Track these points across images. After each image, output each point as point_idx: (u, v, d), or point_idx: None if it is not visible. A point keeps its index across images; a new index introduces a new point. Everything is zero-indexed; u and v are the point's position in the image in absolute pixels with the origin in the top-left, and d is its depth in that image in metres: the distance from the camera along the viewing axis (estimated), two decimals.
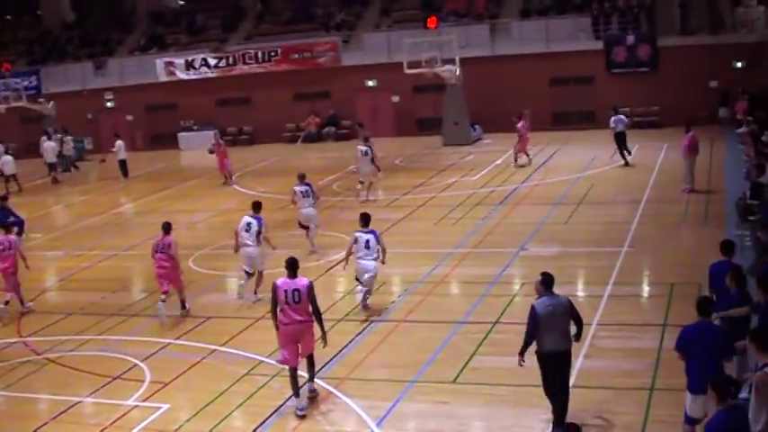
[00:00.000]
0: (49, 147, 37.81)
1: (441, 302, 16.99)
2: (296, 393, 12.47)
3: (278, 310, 12.49)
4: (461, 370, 13.45)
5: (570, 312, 11.27)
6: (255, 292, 17.65)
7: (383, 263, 16.51)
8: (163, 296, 16.87)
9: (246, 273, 17.85)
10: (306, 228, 21.18)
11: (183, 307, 17.42)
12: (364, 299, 16.63)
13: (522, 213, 23.58)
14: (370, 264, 16.27)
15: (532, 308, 11.19)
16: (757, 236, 17.77)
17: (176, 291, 17.35)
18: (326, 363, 14.10)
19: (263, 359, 14.50)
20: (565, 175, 27.98)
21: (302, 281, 12.61)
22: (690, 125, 24.65)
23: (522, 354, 11.33)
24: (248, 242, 17.64)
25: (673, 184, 25.19)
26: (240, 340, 15.59)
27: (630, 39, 36.89)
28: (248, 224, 17.70)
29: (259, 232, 17.63)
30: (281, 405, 12.71)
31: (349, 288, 18.26)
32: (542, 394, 11.57)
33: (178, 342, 15.84)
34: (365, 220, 16.58)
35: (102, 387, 14.03)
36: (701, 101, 35.20)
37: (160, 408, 12.99)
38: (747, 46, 35.18)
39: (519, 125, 30.39)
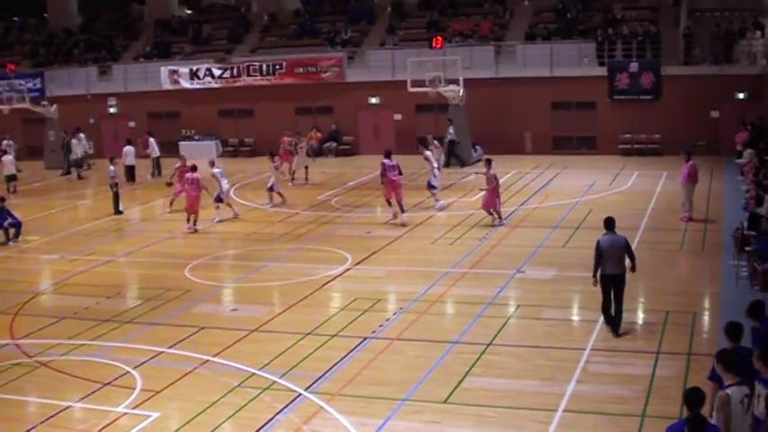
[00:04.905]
0: (75, 143, 38.92)
1: (435, 322, 16.96)
2: (400, 212, 25.52)
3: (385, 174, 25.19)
4: (453, 390, 13.42)
5: (625, 248, 15.60)
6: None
7: None
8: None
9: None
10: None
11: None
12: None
13: (519, 236, 23.59)
14: None
15: (598, 242, 15.53)
16: (754, 266, 17.80)
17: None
18: (318, 378, 14.08)
19: (256, 371, 14.48)
20: (564, 200, 28.01)
21: (394, 161, 25.53)
22: (690, 154, 24.69)
23: (594, 276, 15.57)
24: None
25: (671, 212, 25.24)
26: (233, 352, 15.56)
27: (634, 66, 36.99)
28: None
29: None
30: (272, 418, 12.67)
31: (343, 304, 18.27)
32: (533, 417, 11.94)
33: (171, 351, 15.80)
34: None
35: (92, 393, 13.98)
36: (702, 130, 35.36)
37: (150, 416, 12.95)
38: (750, 78, 35.34)
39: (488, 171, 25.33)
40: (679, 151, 26.67)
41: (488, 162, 25.54)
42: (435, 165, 28.02)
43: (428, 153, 27.98)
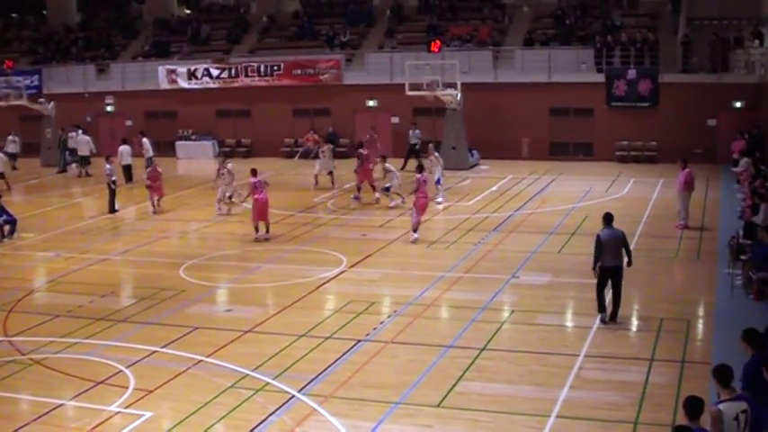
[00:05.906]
0: (82, 140, 38.75)
1: (429, 326, 16.96)
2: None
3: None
4: (446, 394, 13.42)
5: (623, 242, 16.33)
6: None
7: None
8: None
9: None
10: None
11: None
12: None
13: (515, 241, 23.59)
14: None
15: (598, 236, 16.26)
16: (749, 275, 17.82)
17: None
18: (312, 380, 14.07)
19: (249, 372, 14.47)
20: (559, 206, 28.02)
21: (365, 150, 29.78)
22: (686, 162, 24.72)
23: (594, 267, 16.32)
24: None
25: (667, 219, 25.26)
26: (226, 352, 15.55)
27: (632, 73, 37.02)
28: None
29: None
30: (264, 420, 12.66)
31: (337, 306, 18.26)
32: (526, 422, 12.03)
33: (164, 350, 15.78)
34: None
35: (85, 391, 13.97)
36: (699, 138, 35.41)
37: (143, 415, 12.94)
38: (747, 87, 35.41)
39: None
40: (675, 159, 26.72)
41: (419, 167, 25.22)
42: (398, 174, 29.10)
43: (388, 165, 28.65)
